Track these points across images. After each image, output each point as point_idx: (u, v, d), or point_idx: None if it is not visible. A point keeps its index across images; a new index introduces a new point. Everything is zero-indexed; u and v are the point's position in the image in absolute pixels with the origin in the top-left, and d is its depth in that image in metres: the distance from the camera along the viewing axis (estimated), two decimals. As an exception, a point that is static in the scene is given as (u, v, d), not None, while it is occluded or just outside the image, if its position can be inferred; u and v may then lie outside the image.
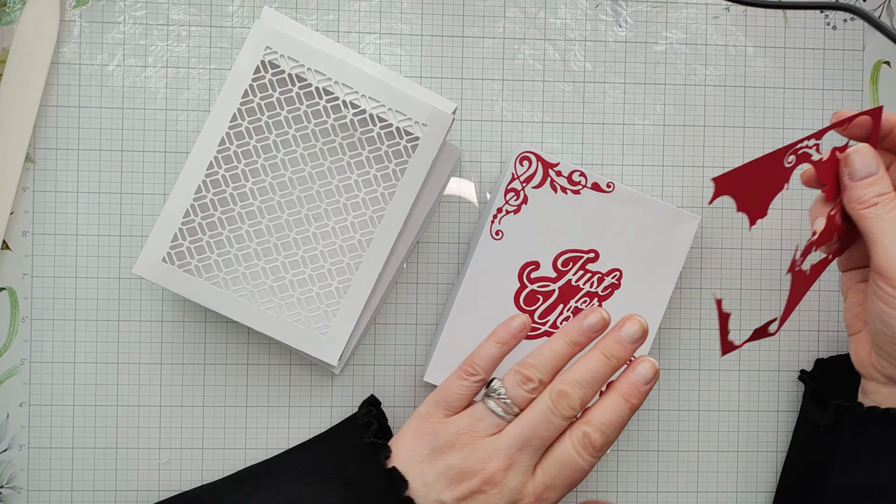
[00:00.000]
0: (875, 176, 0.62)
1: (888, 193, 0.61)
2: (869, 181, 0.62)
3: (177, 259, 0.66)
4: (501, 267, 0.70)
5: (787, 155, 0.63)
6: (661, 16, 0.76)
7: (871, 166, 0.62)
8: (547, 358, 0.64)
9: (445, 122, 0.66)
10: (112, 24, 0.73)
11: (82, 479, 0.73)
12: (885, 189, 0.61)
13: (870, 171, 0.62)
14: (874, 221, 0.61)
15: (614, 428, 0.63)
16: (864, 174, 0.62)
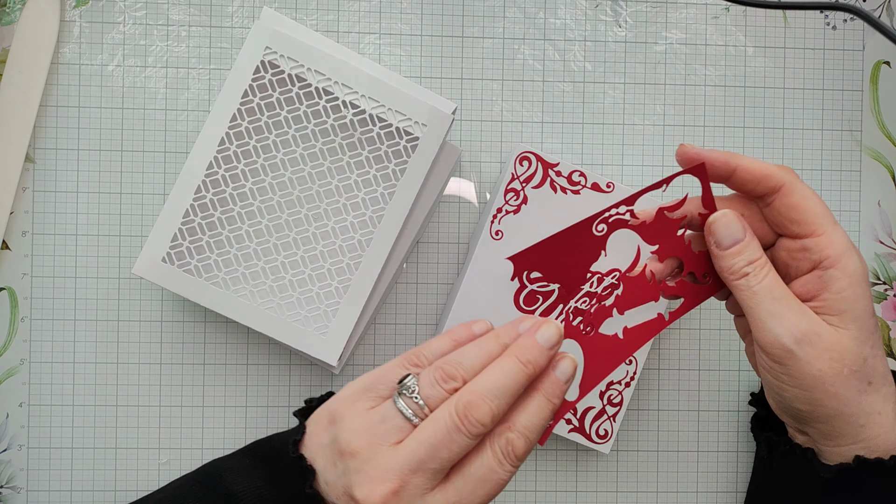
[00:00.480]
0: (742, 242, 0.59)
1: (758, 260, 0.59)
2: (736, 249, 0.59)
3: (176, 259, 0.66)
4: (501, 267, 0.70)
5: (595, 224, 0.60)
6: (661, 16, 0.76)
7: (736, 233, 0.59)
8: (476, 357, 0.56)
9: (445, 122, 0.66)
10: (112, 24, 0.73)
11: (82, 479, 0.73)
12: (755, 255, 0.59)
13: (736, 238, 0.59)
14: (747, 294, 0.59)
15: (537, 432, 0.55)
16: (731, 242, 0.59)
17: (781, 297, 0.58)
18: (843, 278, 0.58)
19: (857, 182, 0.76)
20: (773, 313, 0.57)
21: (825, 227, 0.59)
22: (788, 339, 0.57)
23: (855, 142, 0.76)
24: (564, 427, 0.71)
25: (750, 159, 0.60)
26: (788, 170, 0.60)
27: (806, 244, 0.59)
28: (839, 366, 0.57)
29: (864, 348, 0.58)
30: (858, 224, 0.76)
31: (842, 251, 0.58)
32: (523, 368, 0.54)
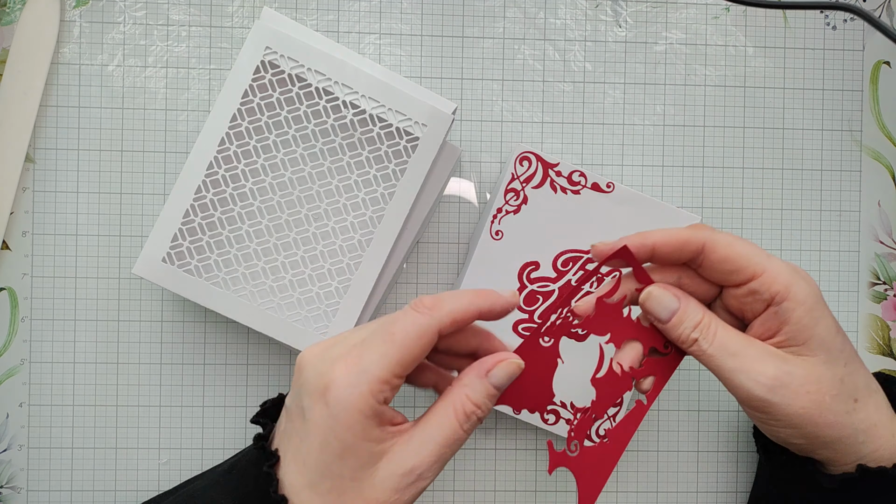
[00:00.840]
0: (679, 311, 0.58)
1: (702, 322, 0.58)
2: (676, 320, 0.58)
3: (177, 259, 0.66)
4: (501, 267, 0.70)
5: (540, 338, 0.59)
6: (661, 16, 0.76)
7: (670, 304, 0.58)
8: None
9: (445, 122, 0.66)
10: (112, 24, 0.73)
11: (82, 479, 0.73)
12: (696, 318, 0.58)
13: (671, 310, 0.58)
14: (704, 358, 0.58)
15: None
16: (668, 315, 0.58)
17: (738, 350, 0.57)
18: (798, 307, 0.57)
19: (857, 182, 0.76)
20: (735, 370, 0.57)
21: (762, 264, 0.58)
22: (761, 391, 0.56)
23: (855, 142, 0.76)
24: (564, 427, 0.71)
25: (662, 232, 0.59)
26: (702, 226, 0.59)
27: (752, 287, 0.58)
28: (819, 396, 0.57)
29: (837, 369, 0.58)
30: (858, 224, 0.76)
31: (788, 281, 0.58)
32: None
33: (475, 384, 0.56)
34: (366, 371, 0.52)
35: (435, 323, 0.53)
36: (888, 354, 0.76)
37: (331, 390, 0.52)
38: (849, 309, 0.76)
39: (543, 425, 0.68)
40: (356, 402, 0.52)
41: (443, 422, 0.55)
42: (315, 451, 0.53)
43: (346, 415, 0.52)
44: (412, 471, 0.54)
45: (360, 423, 0.52)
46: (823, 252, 0.76)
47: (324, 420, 0.52)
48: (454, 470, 0.75)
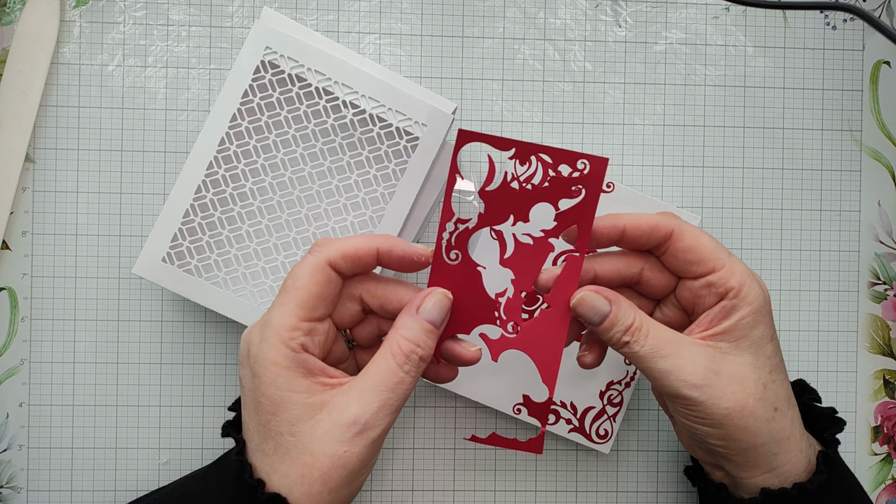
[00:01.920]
0: (610, 315, 0.58)
1: (633, 325, 0.58)
2: (608, 323, 0.58)
3: (176, 259, 0.66)
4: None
5: (445, 257, 0.59)
6: (661, 16, 0.76)
7: (600, 308, 0.58)
8: None
9: (445, 122, 0.66)
10: (112, 24, 0.73)
11: (82, 479, 0.73)
12: (627, 321, 0.58)
13: (602, 314, 0.58)
14: (635, 360, 0.58)
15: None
16: (599, 319, 0.58)
17: (669, 353, 0.58)
18: (745, 306, 0.58)
19: (857, 182, 0.76)
20: (664, 371, 0.57)
21: (723, 260, 0.59)
22: (687, 389, 0.57)
23: (855, 142, 0.76)
24: (564, 427, 0.71)
25: (633, 216, 0.60)
26: (672, 215, 0.60)
27: (710, 280, 0.59)
28: (743, 397, 0.58)
29: (761, 374, 0.59)
30: (858, 224, 0.76)
31: (743, 281, 0.59)
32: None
33: (408, 322, 0.56)
34: (268, 323, 0.54)
35: (323, 258, 0.55)
36: (888, 354, 0.76)
37: (249, 352, 0.55)
38: (849, 309, 0.76)
39: None
40: (269, 355, 0.53)
41: (381, 366, 0.55)
42: (252, 415, 0.55)
43: (264, 370, 0.53)
44: (356, 420, 0.53)
45: (281, 376, 0.53)
46: (823, 252, 0.76)
47: (250, 381, 0.55)
48: (454, 470, 0.75)
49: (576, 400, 0.71)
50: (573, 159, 0.57)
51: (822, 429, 0.64)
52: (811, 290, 0.76)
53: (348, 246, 0.56)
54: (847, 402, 0.76)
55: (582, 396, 0.71)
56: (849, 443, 0.76)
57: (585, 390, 0.71)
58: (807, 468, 0.61)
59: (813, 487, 0.60)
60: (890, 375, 0.76)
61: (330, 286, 0.55)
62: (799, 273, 0.76)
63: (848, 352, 0.76)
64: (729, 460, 0.61)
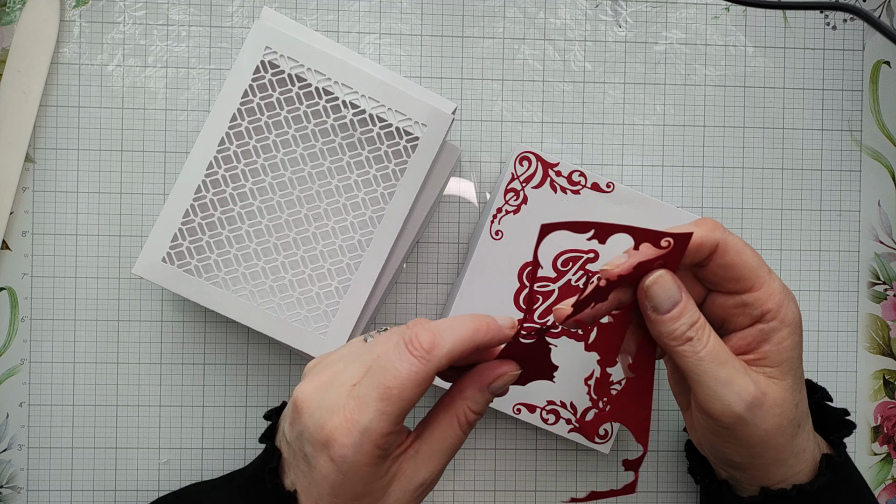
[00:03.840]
0: (681, 304, 0.56)
1: (698, 322, 0.56)
2: (676, 312, 0.56)
3: (176, 259, 0.66)
4: (501, 267, 0.70)
5: (520, 337, 0.57)
6: (661, 16, 0.76)
7: (674, 295, 0.56)
8: None
9: (445, 122, 0.66)
10: (112, 24, 0.73)
11: (82, 479, 0.73)
12: (695, 316, 0.56)
13: (674, 301, 0.56)
14: (693, 361, 0.56)
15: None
16: (670, 305, 0.56)
17: (727, 360, 0.56)
18: (784, 328, 0.57)
19: (857, 182, 0.76)
20: (721, 380, 0.55)
21: (763, 279, 0.57)
22: (740, 407, 0.56)
23: (855, 142, 0.76)
24: (564, 427, 0.71)
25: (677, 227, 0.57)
26: (715, 225, 0.58)
27: (745, 299, 0.57)
28: (780, 420, 0.57)
29: (796, 395, 0.58)
30: (858, 224, 0.76)
31: (781, 302, 0.57)
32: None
33: (476, 397, 0.55)
34: (366, 431, 0.51)
35: (433, 368, 0.51)
36: (888, 354, 0.76)
37: (333, 447, 0.51)
38: (849, 309, 0.76)
39: (543, 425, 0.68)
40: (362, 460, 0.51)
41: (447, 433, 0.55)
42: (326, 496, 0.53)
43: (354, 471, 0.52)
44: (423, 483, 0.54)
45: (370, 474, 0.52)
46: (823, 252, 0.76)
47: (332, 473, 0.52)
48: (454, 470, 0.75)
49: (576, 400, 0.71)
50: (657, 238, 0.55)
51: (831, 429, 0.64)
52: (811, 290, 0.76)
53: (456, 353, 0.52)
54: (847, 402, 0.76)
55: (582, 397, 0.71)
56: (849, 443, 0.76)
57: (585, 390, 0.71)
58: (811, 470, 0.60)
59: (812, 490, 0.59)
60: (890, 375, 0.76)
61: (428, 387, 0.53)
62: (799, 273, 0.76)
63: (848, 352, 0.76)
64: (748, 472, 0.61)
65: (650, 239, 0.55)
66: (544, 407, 0.70)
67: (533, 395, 0.71)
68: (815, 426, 0.64)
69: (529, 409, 0.70)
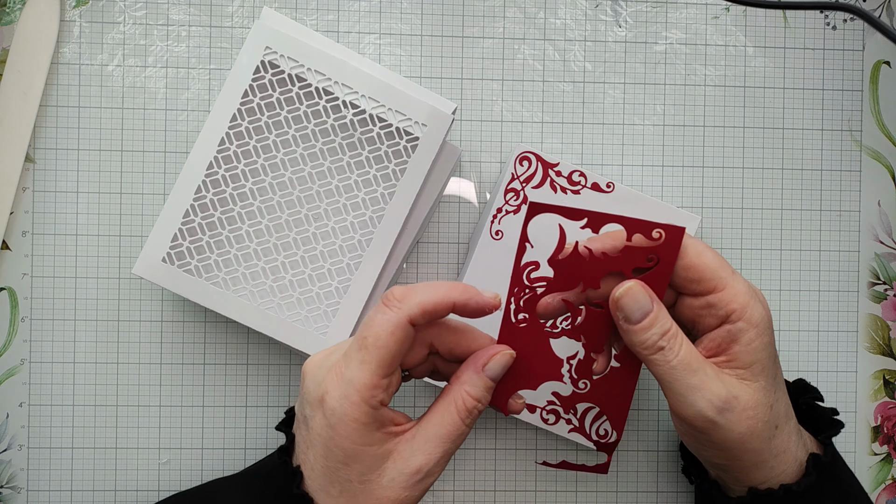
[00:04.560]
0: (652, 314, 0.57)
1: (669, 331, 0.57)
2: (647, 323, 0.57)
3: (177, 259, 0.66)
4: (501, 267, 0.70)
5: (513, 319, 0.60)
6: (661, 16, 0.76)
7: (644, 305, 0.57)
8: None
9: (445, 123, 0.66)
10: (112, 24, 0.73)
11: (82, 479, 0.73)
12: (666, 325, 0.57)
13: (645, 311, 0.57)
14: (664, 370, 0.57)
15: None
16: (640, 316, 0.57)
17: (698, 367, 0.57)
18: (751, 329, 0.58)
19: (857, 182, 0.76)
20: (692, 387, 0.56)
21: (725, 280, 0.58)
22: (711, 412, 0.56)
23: (855, 142, 0.76)
24: (564, 427, 0.71)
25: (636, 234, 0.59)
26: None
27: (709, 300, 0.58)
28: (755, 423, 0.57)
29: (769, 396, 0.59)
30: (858, 224, 0.76)
31: (746, 302, 0.58)
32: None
33: (473, 380, 0.56)
34: (350, 381, 0.53)
35: (404, 315, 0.54)
36: (888, 354, 0.76)
37: (326, 401, 0.54)
38: (849, 309, 0.76)
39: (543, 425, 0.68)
40: (349, 412, 0.53)
41: (445, 419, 0.56)
42: (321, 459, 0.55)
43: (343, 425, 0.53)
44: (420, 469, 0.55)
45: (358, 431, 0.54)
46: (823, 252, 0.76)
47: (324, 430, 0.54)
48: (454, 470, 0.75)
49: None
50: (648, 229, 0.57)
51: (821, 428, 0.64)
52: (811, 290, 0.76)
53: (428, 301, 0.55)
54: (847, 402, 0.76)
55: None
56: (849, 443, 0.76)
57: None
58: (797, 470, 0.61)
59: (799, 489, 0.60)
60: (890, 375, 0.76)
61: (407, 341, 0.55)
62: (799, 273, 0.76)
63: (848, 352, 0.76)
64: (729, 472, 0.61)
65: (642, 230, 0.57)
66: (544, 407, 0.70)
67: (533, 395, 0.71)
68: (807, 426, 0.65)
69: (529, 409, 0.70)
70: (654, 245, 0.57)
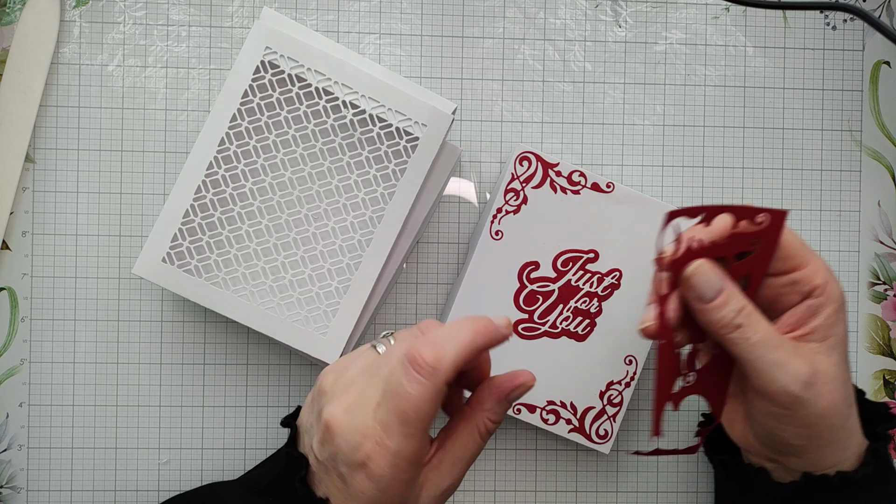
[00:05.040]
0: (725, 292, 0.57)
1: (746, 308, 0.57)
2: (721, 301, 0.57)
3: (176, 259, 0.66)
4: (501, 267, 0.70)
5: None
6: (661, 16, 0.76)
7: (716, 283, 0.57)
8: None
9: (445, 123, 0.66)
10: (112, 24, 0.73)
11: (82, 479, 0.73)
12: (740, 302, 0.57)
13: (717, 289, 0.57)
14: (745, 347, 0.57)
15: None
16: (713, 294, 0.57)
17: (779, 343, 0.57)
18: (830, 304, 0.58)
19: (857, 182, 0.76)
20: (776, 363, 0.56)
21: (809, 257, 0.59)
22: (796, 387, 0.56)
23: (855, 142, 0.76)
24: (564, 427, 0.71)
25: (720, 224, 0.59)
26: None
27: (794, 277, 0.58)
28: (834, 397, 0.57)
29: (845, 373, 0.59)
30: (858, 224, 0.76)
31: (827, 278, 0.58)
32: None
33: (496, 408, 0.57)
34: (398, 453, 0.53)
35: (441, 383, 0.53)
36: (888, 354, 0.76)
37: (369, 468, 0.53)
38: (849, 309, 0.76)
39: (543, 425, 0.68)
40: (400, 476, 0.54)
41: (469, 443, 0.57)
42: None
43: (392, 487, 0.54)
44: (447, 490, 0.57)
45: (405, 487, 0.55)
46: (823, 252, 0.76)
47: (369, 490, 0.54)
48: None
49: (576, 400, 0.71)
50: (753, 214, 0.58)
51: (874, 422, 0.63)
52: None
53: (459, 359, 0.53)
54: (847, 402, 0.76)
55: (582, 396, 0.71)
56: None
57: (585, 390, 0.71)
58: (854, 459, 0.60)
59: (857, 478, 0.59)
60: (890, 375, 0.76)
61: (442, 398, 0.54)
62: (799, 273, 0.76)
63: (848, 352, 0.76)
64: (800, 455, 0.60)
65: (748, 215, 0.58)
66: (544, 407, 0.70)
67: (533, 395, 0.71)
68: None
69: (529, 410, 0.70)
70: (758, 230, 0.58)
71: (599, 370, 0.71)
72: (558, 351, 0.70)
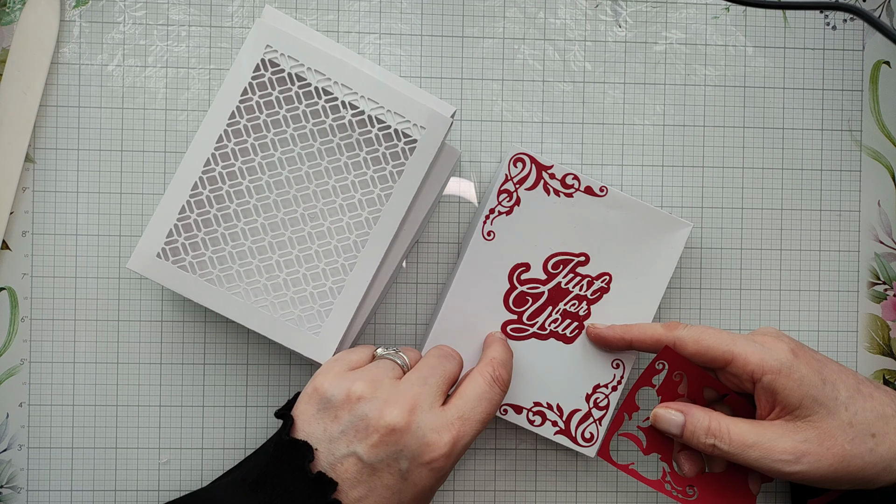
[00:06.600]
0: (686, 424, 0.64)
1: (710, 426, 0.63)
2: (688, 433, 0.64)
3: (171, 255, 0.66)
4: (492, 268, 0.70)
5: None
6: (660, 16, 0.76)
7: (675, 420, 0.65)
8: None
9: (444, 126, 0.66)
10: (112, 24, 0.74)
11: (82, 479, 0.73)
12: (704, 423, 0.63)
13: (678, 425, 0.64)
14: (728, 454, 0.62)
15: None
16: (677, 430, 0.64)
17: (754, 440, 0.61)
18: (777, 376, 0.61)
19: (856, 182, 0.76)
20: (758, 458, 0.61)
21: (731, 351, 0.63)
22: (787, 468, 0.60)
23: (855, 142, 0.76)
24: (551, 429, 0.71)
25: (640, 328, 0.68)
26: (674, 324, 0.66)
27: (731, 371, 0.63)
28: (840, 449, 0.60)
29: (840, 416, 0.61)
30: (858, 224, 0.76)
31: (759, 358, 0.62)
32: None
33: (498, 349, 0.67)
34: (466, 445, 0.60)
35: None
36: (888, 354, 0.76)
37: (438, 461, 0.59)
38: (849, 309, 0.76)
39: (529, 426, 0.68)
40: (451, 465, 0.60)
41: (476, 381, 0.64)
42: (404, 500, 0.60)
43: (444, 476, 0.61)
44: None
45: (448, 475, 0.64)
46: (823, 252, 0.76)
47: (428, 482, 0.59)
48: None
49: (562, 402, 0.71)
50: (654, 370, 0.67)
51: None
52: (811, 290, 0.76)
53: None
54: (848, 404, 0.76)
55: (568, 399, 0.71)
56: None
57: (572, 393, 0.71)
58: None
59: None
60: (890, 375, 0.76)
61: None
62: (799, 273, 0.76)
63: (848, 352, 0.76)
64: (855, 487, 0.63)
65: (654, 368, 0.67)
66: (531, 408, 0.70)
67: (520, 396, 0.71)
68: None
69: (516, 410, 0.70)
70: (676, 370, 0.67)
71: (586, 373, 0.71)
72: (546, 352, 0.71)
